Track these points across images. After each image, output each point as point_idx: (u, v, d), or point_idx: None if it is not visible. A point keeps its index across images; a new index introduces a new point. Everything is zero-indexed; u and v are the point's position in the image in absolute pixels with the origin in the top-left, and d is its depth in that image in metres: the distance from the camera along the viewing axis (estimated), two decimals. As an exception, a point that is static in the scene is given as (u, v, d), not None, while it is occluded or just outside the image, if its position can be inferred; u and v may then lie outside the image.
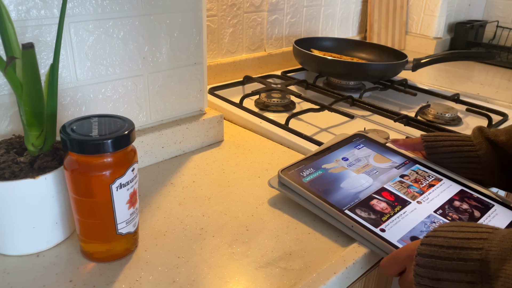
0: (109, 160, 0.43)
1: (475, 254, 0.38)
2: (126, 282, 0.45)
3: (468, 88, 1.14)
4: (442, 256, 0.40)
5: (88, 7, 0.56)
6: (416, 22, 1.52)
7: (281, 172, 0.57)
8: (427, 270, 0.40)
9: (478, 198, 0.56)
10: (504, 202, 0.56)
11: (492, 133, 0.59)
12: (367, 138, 0.68)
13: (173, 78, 0.68)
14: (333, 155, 0.62)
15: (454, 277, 0.39)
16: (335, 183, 0.57)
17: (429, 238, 0.41)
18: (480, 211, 0.54)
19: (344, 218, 0.51)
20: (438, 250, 0.40)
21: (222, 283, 0.45)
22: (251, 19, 1.10)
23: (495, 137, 0.58)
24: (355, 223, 0.50)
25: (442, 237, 0.41)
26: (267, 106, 0.92)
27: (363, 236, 0.50)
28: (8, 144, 0.49)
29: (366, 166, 0.61)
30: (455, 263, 0.39)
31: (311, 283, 0.45)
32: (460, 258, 0.39)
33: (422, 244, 0.41)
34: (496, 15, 1.65)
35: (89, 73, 0.59)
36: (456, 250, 0.39)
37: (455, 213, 0.53)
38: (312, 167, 0.59)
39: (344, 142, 0.66)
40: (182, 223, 0.54)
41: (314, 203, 0.54)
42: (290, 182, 0.56)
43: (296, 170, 0.58)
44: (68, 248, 0.49)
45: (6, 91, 0.52)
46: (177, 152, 0.71)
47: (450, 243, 0.40)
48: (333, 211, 0.52)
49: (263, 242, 0.52)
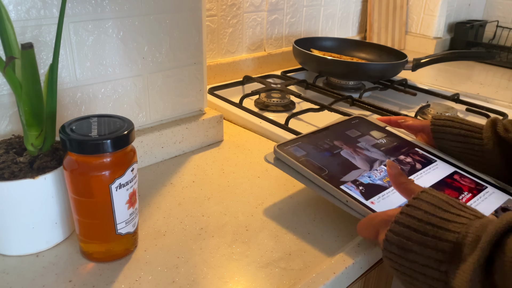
0: (108, 160, 0.43)
1: (451, 236, 0.38)
2: (126, 282, 0.45)
3: (468, 88, 1.14)
4: (418, 229, 0.40)
5: (88, 7, 0.56)
6: (416, 22, 1.52)
7: (277, 147, 0.57)
8: (398, 239, 0.41)
9: (471, 179, 0.57)
10: (497, 185, 0.57)
11: (502, 128, 0.58)
12: (366, 121, 0.68)
13: (173, 78, 0.68)
14: (331, 134, 0.63)
15: (423, 251, 0.39)
16: (330, 159, 0.56)
17: (410, 208, 0.41)
18: (471, 191, 0.55)
19: (339, 193, 0.51)
20: (415, 222, 0.40)
21: (221, 283, 0.45)
22: (251, 19, 1.10)
23: (504, 133, 0.57)
24: (350, 198, 0.50)
25: (423, 210, 0.41)
26: (267, 106, 0.92)
27: (358, 212, 0.50)
28: (8, 144, 0.49)
29: (362, 145, 0.61)
30: (429, 239, 0.39)
31: (311, 283, 0.45)
32: (435, 236, 0.39)
33: (402, 213, 0.41)
34: (496, 15, 1.65)
35: (88, 73, 0.59)
36: (433, 228, 0.39)
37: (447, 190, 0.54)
38: (309, 143, 0.59)
39: (343, 123, 0.66)
40: (181, 223, 0.54)
41: (309, 177, 0.53)
42: (285, 156, 0.55)
43: (292, 146, 0.58)
44: (68, 248, 0.49)
45: (6, 91, 0.52)
46: (177, 152, 0.71)
47: (430, 220, 0.40)
48: (328, 186, 0.52)
49: (262, 242, 0.52)
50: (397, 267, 0.42)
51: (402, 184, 0.47)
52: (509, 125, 0.58)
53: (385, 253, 0.43)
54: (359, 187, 0.52)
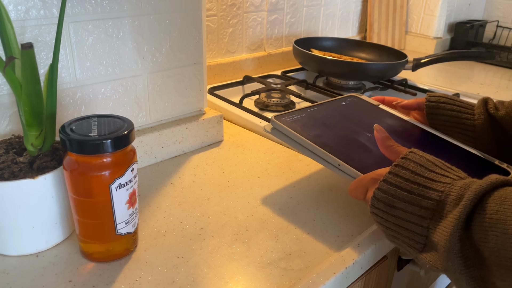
0: (108, 160, 0.43)
1: (435, 194, 0.41)
2: (126, 282, 0.45)
3: (468, 88, 1.14)
4: (404, 188, 0.43)
5: (88, 7, 0.56)
6: (416, 22, 1.52)
7: (274, 118, 0.60)
8: (385, 196, 0.44)
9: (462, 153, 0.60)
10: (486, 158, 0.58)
11: (493, 106, 0.60)
12: (359, 99, 0.69)
13: (173, 78, 0.68)
14: (325, 108, 0.65)
15: (408, 208, 0.42)
16: (324, 130, 0.59)
17: (398, 168, 0.44)
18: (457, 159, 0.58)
19: (330, 157, 0.54)
20: (402, 182, 0.43)
21: (221, 283, 0.45)
22: (251, 19, 1.10)
23: (494, 111, 0.60)
24: (341, 162, 0.53)
25: (409, 170, 0.43)
26: (267, 106, 0.91)
27: (350, 174, 0.52)
28: (8, 144, 0.49)
29: (356, 117, 0.64)
30: (414, 197, 0.42)
31: (311, 283, 0.45)
32: (420, 194, 0.42)
33: (390, 173, 0.44)
34: (496, 15, 1.65)
35: (88, 73, 0.59)
36: (419, 187, 0.42)
37: None
38: (305, 114, 0.62)
39: (337, 100, 0.68)
40: (181, 223, 0.54)
41: (303, 144, 0.56)
42: (281, 126, 0.58)
43: (289, 117, 0.61)
44: (68, 248, 0.49)
45: (6, 91, 0.52)
46: (177, 152, 0.71)
47: (416, 179, 0.42)
48: (320, 150, 0.55)
49: (262, 242, 0.52)
50: (383, 222, 0.45)
51: (389, 147, 0.50)
52: (499, 105, 0.60)
53: (372, 209, 0.46)
54: None
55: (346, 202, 0.60)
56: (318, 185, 0.64)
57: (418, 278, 0.72)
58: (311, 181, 0.65)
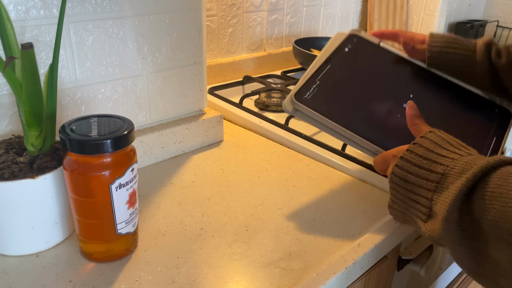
0: (108, 160, 0.43)
1: (440, 168, 0.44)
2: (126, 282, 0.45)
3: (468, 88, 1.14)
4: (416, 163, 0.46)
5: (88, 7, 0.56)
6: (416, 22, 1.51)
7: (295, 98, 0.58)
8: (401, 172, 0.47)
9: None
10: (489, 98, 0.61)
11: (496, 54, 0.61)
12: (361, 40, 0.68)
13: (173, 78, 0.68)
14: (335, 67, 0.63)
15: (418, 182, 0.45)
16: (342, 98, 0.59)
17: (415, 146, 0.47)
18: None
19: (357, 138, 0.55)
20: (416, 158, 0.46)
21: (221, 283, 0.45)
22: (251, 19, 1.10)
23: (496, 59, 0.61)
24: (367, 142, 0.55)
25: (424, 147, 0.46)
26: (267, 106, 0.91)
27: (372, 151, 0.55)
28: (8, 144, 0.49)
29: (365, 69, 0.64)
30: (423, 171, 0.45)
31: (311, 283, 0.45)
32: (428, 169, 0.45)
33: (407, 150, 0.47)
34: (496, 15, 1.65)
35: (88, 73, 0.59)
36: (429, 162, 0.45)
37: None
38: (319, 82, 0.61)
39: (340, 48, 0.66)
40: (181, 223, 0.54)
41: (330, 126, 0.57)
42: (304, 107, 0.57)
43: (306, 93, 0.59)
44: (68, 248, 0.49)
45: (6, 91, 0.52)
46: (177, 152, 0.71)
47: (427, 155, 0.45)
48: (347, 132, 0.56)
49: (262, 242, 0.52)
50: (398, 195, 0.48)
51: (415, 125, 0.52)
52: (504, 51, 0.62)
53: (390, 183, 0.49)
54: None
55: (346, 202, 0.60)
56: (318, 185, 0.64)
57: (418, 278, 0.72)
58: (311, 181, 0.65)
